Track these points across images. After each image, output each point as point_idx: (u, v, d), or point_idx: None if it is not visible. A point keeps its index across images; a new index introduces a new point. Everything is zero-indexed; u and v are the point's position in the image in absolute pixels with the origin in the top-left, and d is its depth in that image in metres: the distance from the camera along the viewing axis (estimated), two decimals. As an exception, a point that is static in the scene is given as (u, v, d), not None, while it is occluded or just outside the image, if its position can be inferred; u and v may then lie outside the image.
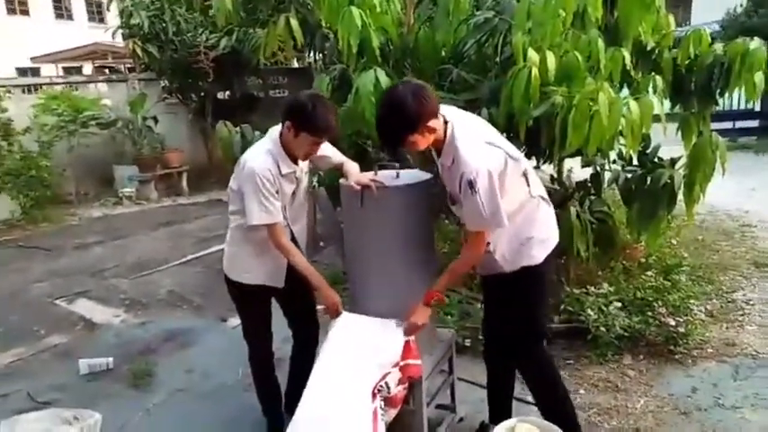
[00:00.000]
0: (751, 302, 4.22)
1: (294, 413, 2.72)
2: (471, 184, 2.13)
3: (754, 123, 13.16)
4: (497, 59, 3.40)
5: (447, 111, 2.34)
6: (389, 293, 2.51)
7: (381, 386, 2.32)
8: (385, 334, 2.45)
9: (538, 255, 2.39)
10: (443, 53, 3.75)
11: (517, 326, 2.52)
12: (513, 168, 2.26)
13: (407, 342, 2.43)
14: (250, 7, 4.92)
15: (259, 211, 2.43)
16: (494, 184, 2.14)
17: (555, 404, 2.58)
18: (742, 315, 4.03)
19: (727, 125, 12.74)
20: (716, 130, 3.72)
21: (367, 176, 2.48)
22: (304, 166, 2.62)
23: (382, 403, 2.33)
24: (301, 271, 2.56)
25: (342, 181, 2.58)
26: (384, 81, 3.36)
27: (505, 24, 3.36)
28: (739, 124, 13.05)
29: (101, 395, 3.44)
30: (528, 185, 2.35)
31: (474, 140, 2.23)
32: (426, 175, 2.61)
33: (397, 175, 2.56)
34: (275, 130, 2.52)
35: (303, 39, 4.24)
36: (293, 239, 2.62)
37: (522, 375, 2.69)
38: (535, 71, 3.04)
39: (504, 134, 3.49)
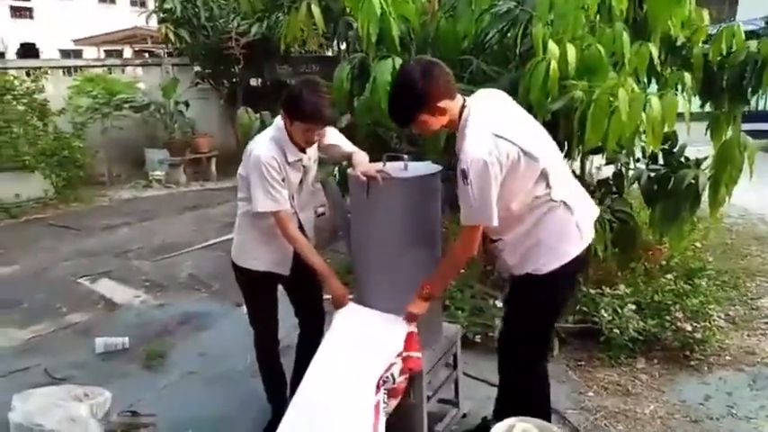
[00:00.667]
0: (776, 310, 4.08)
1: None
2: (464, 174, 2.06)
3: (797, 124, 12.67)
4: (518, 51, 3.32)
5: (480, 94, 2.29)
6: (393, 286, 2.49)
7: (387, 377, 2.30)
8: (388, 325, 2.44)
9: (545, 263, 2.24)
10: (465, 44, 3.69)
11: (519, 332, 2.46)
12: (528, 166, 2.13)
13: (410, 333, 2.42)
14: (274, -7, 4.94)
15: (264, 199, 2.44)
16: (488, 176, 2.04)
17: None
18: (766, 323, 3.89)
19: (766, 126, 12.30)
20: (753, 131, 3.60)
21: (374, 167, 2.45)
22: (312, 154, 2.61)
23: (386, 396, 2.31)
24: (307, 260, 2.56)
25: (349, 171, 2.57)
26: (402, 71, 3.33)
27: (527, 15, 3.29)
28: (780, 125, 12.58)
29: (114, 374, 3.51)
30: (548, 187, 2.18)
31: (481, 130, 2.11)
32: (436, 168, 2.58)
33: (405, 167, 2.53)
34: (281, 118, 2.52)
35: (325, 26, 4.23)
36: (300, 227, 2.63)
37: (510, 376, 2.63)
38: (554, 64, 2.97)
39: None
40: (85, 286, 5.01)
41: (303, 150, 2.53)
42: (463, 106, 2.20)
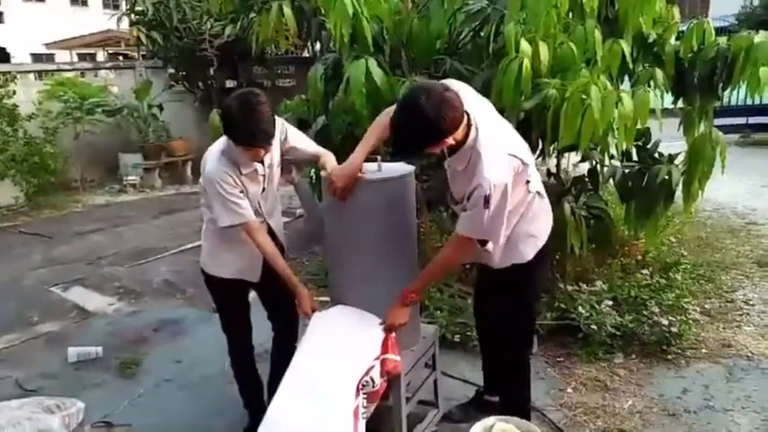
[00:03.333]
0: (751, 302, 4.13)
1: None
2: (486, 199, 2.04)
3: (768, 119, 12.90)
4: (490, 50, 3.32)
5: (472, 103, 2.17)
6: (369, 287, 2.47)
7: (366, 381, 2.27)
8: (366, 327, 2.41)
9: (527, 252, 2.36)
10: (438, 43, 3.68)
11: (505, 321, 2.52)
12: (523, 173, 2.19)
13: (387, 336, 2.40)
14: (245, -6, 4.89)
15: (226, 214, 2.38)
16: (506, 200, 2.08)
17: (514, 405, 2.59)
18: (740, 315, 3.94)
19: (741, 121, 12.51)
20: (728, 126, 3.67)
21: (345, 170, 2.42)
22: (274, 159, 2.52)
23: (365, 401, 2.29)
24: (277, 270, 2.53)
25: (322, 173, 2.54)
26: (376, 72, 3.31)
27: (499, 14, 3.28)
28: (753, 120, 12.80)
29: (88, 384, 3.44)
30: (528, 183, 2.25)
31: (498, 151, 2.11)
32: (409, 168, 2.56)
33: (379, 168, 2.50)
34: None
35: (298, 27, 4.19)
36: (272, 234, 2.59)
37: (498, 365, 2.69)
38: (527, 62, 2.97)
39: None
40: (57, 295, 4.90)
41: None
42: (469, 125, 2.13)
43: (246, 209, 2.40)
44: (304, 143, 2.63)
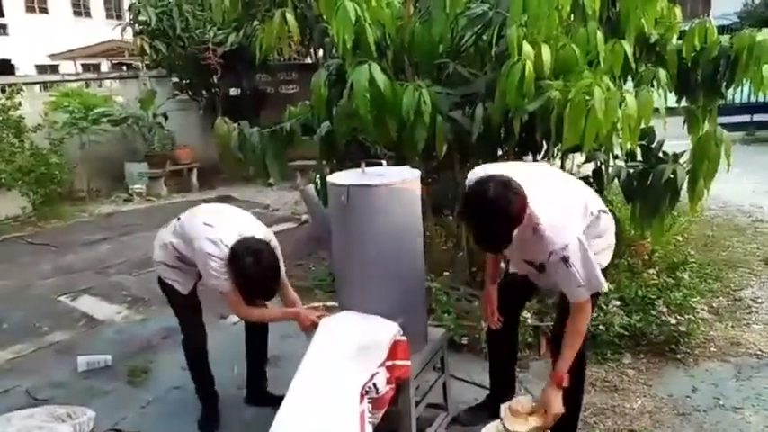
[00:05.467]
0: (759, 300, 4.12)
1: (251, 401, 3.14)
2: (565, 260, 2.08)
3: (772, 116, 12.88)
4: (493, 53, 3.33)
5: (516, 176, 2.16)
6: (375, 292, 2.48)
7: (369, 387, 2.28)
8: (371, 333, 2.42)
9: (604, 261, 2.37)
10: (441, 47, 3.69)
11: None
12: (586, 212, 2.24)
13: (397, 342, 2.40)
14: (247, 2, 4.91)
15: (212, 279, 2.62)
16: (585, 249, 2.09)
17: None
18: (749, 313, 3.93)
19: (745, 118, 12.49)
20: (733, 124, 3.67)
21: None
22: None
23: (370, 406, 2.29)
24: (269, 321, 2.96)
25: (329, 179, 2.55)
26: (379, 77, 3.31)
27: (501, 17, 3.30)
28: (757, 117, 12.78)
29: (97, 392, 3.45)
30: (587, 207, 2.27)
31: (554, 212, 2.14)
32: (415, 173, 2.57)
33: (384, 173, 2.52)
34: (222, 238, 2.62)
35: (301, 34, 4.21)
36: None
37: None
38: (529, 65, 2.98)
39: (502, 129, 3.48)
40: (66, 304, 4.92)
41: None
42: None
43: (225, 285, 2.63)
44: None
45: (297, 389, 2.30)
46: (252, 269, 2.50)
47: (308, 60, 9.59)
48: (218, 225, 2.65)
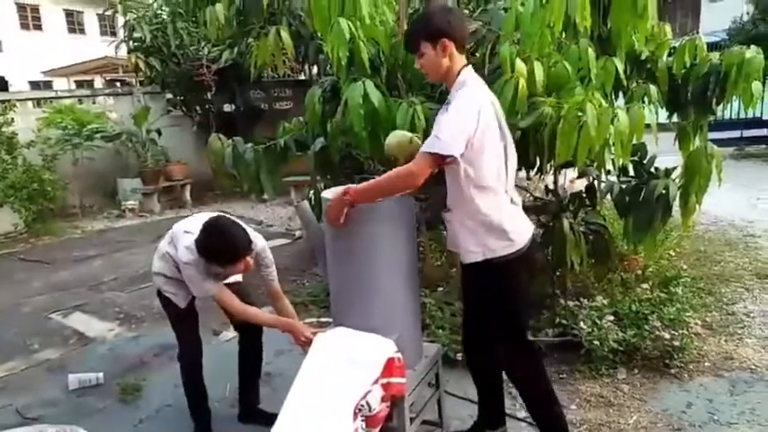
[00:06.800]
0: (751, 315, 4.13)
1: (244, 419, 3.14)
2: (448, 102, 2.24)
3: (762, 132, 13.02)
4: (486, 70, 3.36)
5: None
6: (369, 308, 2.47)
7: (362, 405, 2.26)
8: (364, 350, 2.40)
9: (496, 246, 2.34)
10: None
11: (484, 326, 2.58)
12: (495, 144, 2.30)
13: (392, 359, 2.39)
14: (242, 20, 4.95)
15: (197, 286, 2.67)
16: (470, 110, 2.18)
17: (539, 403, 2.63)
18: (742, 327, 3.94)
19: (735, 134, 12.63)
20: (723, 140, 3.70)
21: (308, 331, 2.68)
22: None
23: (363, 424, 2.27)
24: (262, 324, 2.86)
25: (323, 194, 2.56)
26: (373, 93, 3.33)
27: (494, 35, 3.33)
28: (747, 133, 12.92)
29: (89, 411, 3.42)
30: (506, 178, 2.38)
31: (480, 90, 2.32)
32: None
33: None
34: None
35: (296, 51, 4.24)
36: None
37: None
38: (522, 82, 3.01)
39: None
40: (57, 321, 4.88)
41: None
42: (465, 65, 2.34)
43: (213, 284, 2.68)
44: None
45: (290, 407, 2.27)
46: (207, 240, 2.54)
47: (302, 77, 9.67)
48: (196, 231, 2.62)
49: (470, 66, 2.38)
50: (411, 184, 2.23)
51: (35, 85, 21.62)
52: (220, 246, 2.54)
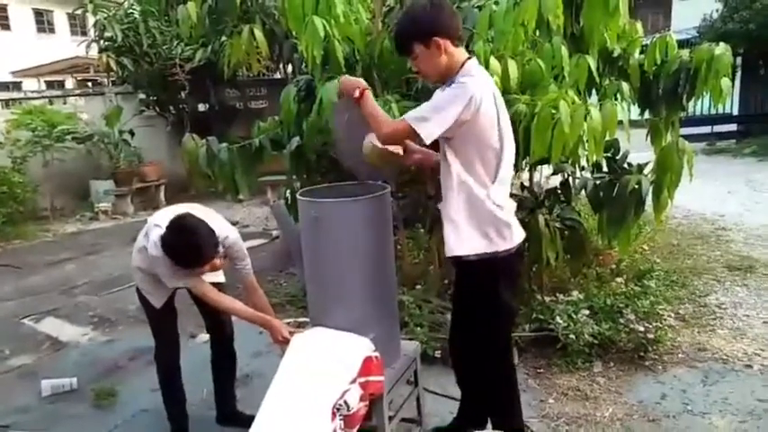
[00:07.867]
0: (723, 306, 4.22)
1: (222, 421, 3.09)
2: (450, 83, 2.17)
3: (731, 127, 13.32)
4: (460, 68, 3.37)
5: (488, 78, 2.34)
6: (346, 307, 2.47)
7: (340, 404, 2.25)
8: (342, 350, 2.39)
9: (475, 246, 2.27)
10: (409, 62, 3.72)
11: (474, 328, 2.51)
12: (490, 135, 2.21)
13: (369, 358, 2.38)
14: (215, 18, 4.88)
15: (168, 280, 2.62)
16: (463, 100, 2.09)
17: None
18: (714, 319, 4.02)
19: (706, 129, 12.89)
20: (694, 135, 3.75)
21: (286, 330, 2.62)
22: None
23: (342, 423, 2.26)
24: (239, 316, 2.74)
25: (299, 194, 2.54)
26: (348, 92, 3.33)
27: (468, 33, 3.34)
28: (717, 128, 13.19)
29: (63, 417, 3.35)
30: (496, 174, 2.27)
31: (485, 81, 2.23)
32: (385, 187, 2.57)
33: (354, 188, 2.52)
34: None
35: (270, 50, 4.21)
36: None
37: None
38: (497, 80, 3.02)
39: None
40: (29, 326, 4.78)
41: None
42: (468, 59, 2.25)
43: (190, 275, 2.61)
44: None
45: (268, 408, 2.26)
46: (170, 239, 2.47)
47: (278, 75, 9.61)
48: (164, 224, 2.54)
49: (474, 58, 2.30)
50: (389, 136, 2.24)
51: (4, 86, 21.09)
52: (183, 248, 2.47)
